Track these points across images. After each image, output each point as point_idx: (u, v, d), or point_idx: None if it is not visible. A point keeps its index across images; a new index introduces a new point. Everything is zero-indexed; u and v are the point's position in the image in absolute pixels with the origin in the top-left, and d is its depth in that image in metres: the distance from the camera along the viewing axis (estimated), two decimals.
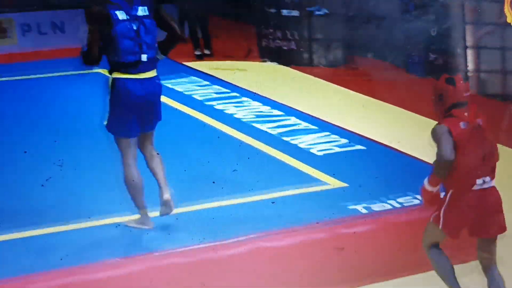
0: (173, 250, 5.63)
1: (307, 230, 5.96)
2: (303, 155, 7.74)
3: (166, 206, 6.20)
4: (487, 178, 4.96)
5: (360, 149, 7.83)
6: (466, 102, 4.92)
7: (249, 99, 9.95)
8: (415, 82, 10.70)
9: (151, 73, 6.07)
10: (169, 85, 10.54)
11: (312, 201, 6.61)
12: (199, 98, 10.02)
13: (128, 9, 5.93)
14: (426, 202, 5.17)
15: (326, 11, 12.10)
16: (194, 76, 11.24)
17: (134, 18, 5.94)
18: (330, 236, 5.91)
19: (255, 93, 10.19)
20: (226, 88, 10.53)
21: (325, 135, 8.30)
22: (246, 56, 13.06)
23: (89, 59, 5.92)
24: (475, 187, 4.96)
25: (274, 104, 9.68)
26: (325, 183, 6.98)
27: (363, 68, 11.72)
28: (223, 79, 11.02)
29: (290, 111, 9.36)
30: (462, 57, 10.72)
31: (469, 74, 10.63)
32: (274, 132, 8.57)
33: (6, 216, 6.32)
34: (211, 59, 13.06)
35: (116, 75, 5.97)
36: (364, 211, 6.28)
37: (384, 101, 9.90)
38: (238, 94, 10.21)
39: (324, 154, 7.77)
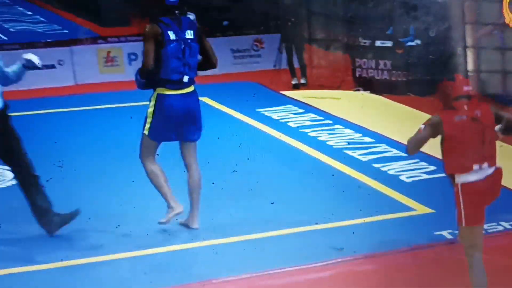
0: (263, 272, 5.87)
1: (393, 255, 6.16)
2: (392, 181, 7.90)
3: (188, 222, 6.65)
4: (485, 164, 5.26)
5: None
6: (467, 96, 5.28)
7: (341, 127, 10.12)
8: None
9: (190, 89, 6.56)
10: (266, 113, 10.87)
11: (399, 226, 6.78)
12: (294, 126, 10.25)
13: (177, 31, 6.42)
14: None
15: (419, 42, 12.25)
16: (290, 104, 11.48)
17: (182, 40, 6.43)
18: (416, 261, 6.07)
19: (347, 120, 10.37)
20: (320, 116, 10.72)
21: (414, 162, 8.39)
22: (340, 85, 13.29)
23: (145, 66, 6.36)
24: (478, 176, 5.26)
25: (366, 132, 9.82)
26: (413, 209, 7.13)
27: None
28: (317, 107, 11.22)
29: (380, 138, 9.48)
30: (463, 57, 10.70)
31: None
32: (365, 158, 8.75)
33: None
34: (307, 88, 13.36)
35: (160, 91, 6.48)
36: (449, 236, 6.41)
37: None
38: (331, 122, 10.40)
39: (413, 181, 7.92)
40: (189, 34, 6.49)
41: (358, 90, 12.92)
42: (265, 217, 6.98)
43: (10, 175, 8.23)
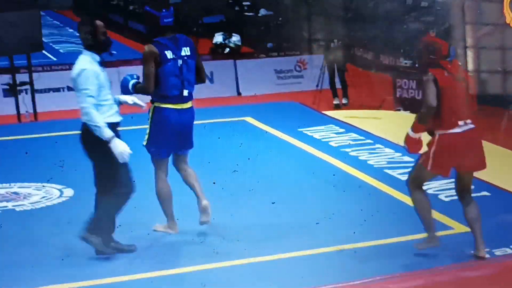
0: None
1: (431, 273, 6.24)
2: (431, 200, 7.96)
3: (204, 213, 6.89)
4: (468, 121, 5.70)
5: (486, 195, 7.95)
6: (450, 56, 5.69)
7: (382, 146, 10.18)
8: None
9: (188, 104, 6.84)
10: (308, 133, 10.96)
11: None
12: (335, 145, 10.33)
13: (174, 50, 6.75)
14: (410, 149, 6.04)
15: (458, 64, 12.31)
16: (331, 124, 11.57)
17: (179, 57, 6.76)
18: (453, 280, 6.17)
19: (388, 140, 10.42)
20: (361, 136, 10.79)
21: (453, 182, 8.38)
22: (381, 106, 13.40)
23: (147, 89, 6.65)
24: (459, 129, 5.65)
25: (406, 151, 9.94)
26: (450, 228, 7.19)
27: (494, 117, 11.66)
28: (358, 127, 11.30)
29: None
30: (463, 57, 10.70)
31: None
32: (405, 178, 8.73)
33: None
34: (348, 107, 13.50)
35: (158, 104, 6.77)
36: (486, 255, 6.46)
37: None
38: (372, 141, 10.47)
39: (451, 200, 7.87)
40: (186, 51, 6.84)
41: (399, 110, 13.03)
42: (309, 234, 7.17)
43: (57, 192, 8.48)
